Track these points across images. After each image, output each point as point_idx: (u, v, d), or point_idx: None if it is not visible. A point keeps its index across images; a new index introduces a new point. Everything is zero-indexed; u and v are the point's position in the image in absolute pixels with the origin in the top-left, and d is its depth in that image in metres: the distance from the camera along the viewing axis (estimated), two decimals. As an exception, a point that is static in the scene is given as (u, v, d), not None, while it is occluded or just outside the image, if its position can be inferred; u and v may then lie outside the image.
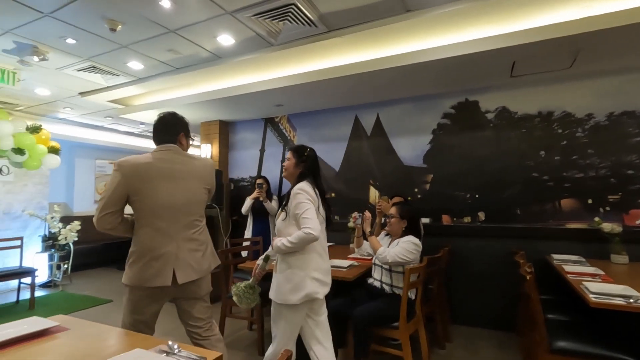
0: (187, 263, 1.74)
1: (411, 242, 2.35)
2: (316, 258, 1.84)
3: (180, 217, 1.74)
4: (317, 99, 3.96)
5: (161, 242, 1.70)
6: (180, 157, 1.79)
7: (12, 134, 4.62)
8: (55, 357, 1.17)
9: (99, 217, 1.67)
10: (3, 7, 2.45)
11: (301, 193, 1.80)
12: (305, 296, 1.77)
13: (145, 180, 1.69)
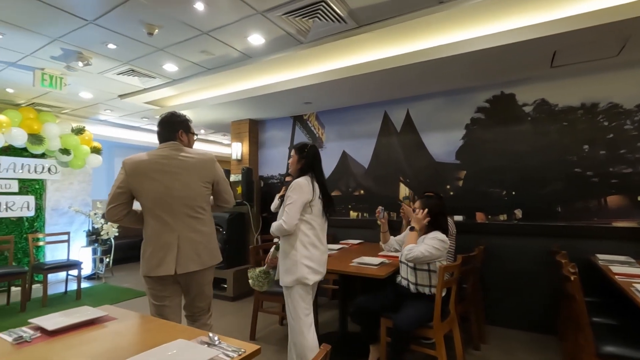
0: (189, 254, 1.83)
1: (436, 238, 2.26)
2: (309, 247, 2.04)
3: (179, 209, 1.84)
4: (346, 96, 3.94)
5: (163, 232, 1.83)
6: (179, 152, 1.89)
7: (59, 135, 4.95)
8: (106, 345, 1.25)
9: (107, 209, 1.84)
10: (52, 16, 2.62)
11: (293, 188, 2.02)
12: (295, 280, 2.00)
13: (144, 175, 1.82)
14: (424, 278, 2.33)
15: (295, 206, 1.98)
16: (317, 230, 2.09)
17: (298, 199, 1.99)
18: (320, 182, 2.11)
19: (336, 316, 3.62)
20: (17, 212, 4.79)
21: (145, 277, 1.86)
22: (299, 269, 1.99)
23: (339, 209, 4.32)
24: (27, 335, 1.28)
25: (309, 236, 2.05)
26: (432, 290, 2.29)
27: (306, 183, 2.04)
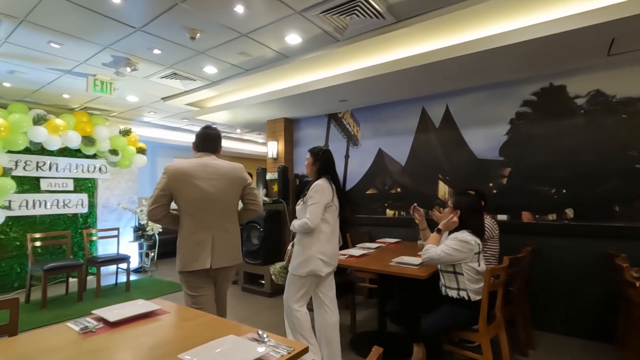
0: (221, 251, 2.06)
1: (457, 239, 2.13)
2: (323, 242, 2.26)
3: (213, 210, 2.07)
4: (382, 92, 3.88)
5: (198, 231, 2.04)
6: (213, 162, 2.14)
7: (108, 137, 5.26)
8: (162, 337, 1.31)
9: (149, 210, 2.02)
10: (104, 25, 2.78)
11: (315, 189, 2.24)
12: (310, 271, 2.22)
13: (185, 180, 2.03)
14: (451, 280, 2.25)
15: (318, 206, 2.20)
16: (332, 227, 2.32)
17: (321, 199, 2.21)
18: (335, 183, 2.33)
19: (373, 315, 3.60)
20: (73, 209, 5.17)
21: (182, 272, 2.05)
22: (314, 262, 2.22)
23: (374, 207, 4.27)
24: (91, 326, 1.37)
25: (325, 233, 2.27)
26: (460, 294, 2.19)
27: (327, 185, 2.27)
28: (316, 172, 2.34)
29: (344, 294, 3.07)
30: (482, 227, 2.28)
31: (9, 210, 4.42)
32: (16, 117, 4.30)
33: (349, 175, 4.52)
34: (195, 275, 2.03)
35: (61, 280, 4.71)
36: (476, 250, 2.15)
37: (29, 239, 4.10)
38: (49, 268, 3.82)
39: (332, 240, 2.32)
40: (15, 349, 1.21)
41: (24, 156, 4.68)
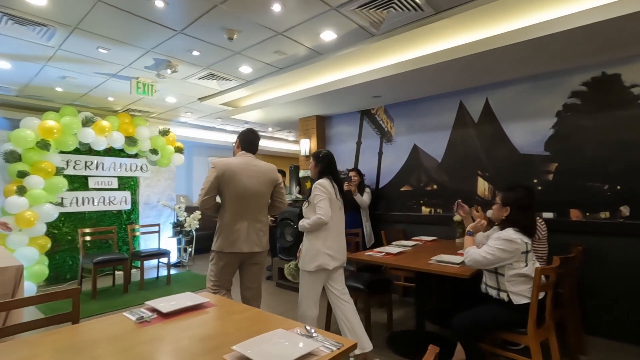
0: (252, 238, 2.38)
1: (500, 238, 2.02)
2: (329, 238, 2.41)
3: (250, 204, 2.40)
4: (418, 87, 3.79)
5: (237, 220, 2.36)
6: (254, 161, 2.47)
7: (149, 137, 5.51)
8: (213, 329, 1.35)
9: (201, 200, 2.35)
10: (147, 29, 2.90)
11: (318, 187, 2.39)
12: (318, 266, 2.37)
13: (231, 175, 2.34)
14: (492, 280, 2.15)
15: (326, 201, 2.35)
16: (336, 224, 2.47)
17: (325, 195, 2.37)
18: (337, 181, 2.50)
19: (409, 314, 3.54)
20: (117, 206, 5.46)
21: (217, 253, 2.37)
22: (322, 257, 2.37)
23: (409, 204, 4.20)
24: (146, 316, 1.44)
25: (330, 229, 2.42)
26: (500, 295, 2.09)
27: (328, 183, 2.43)
28: (318, 173, 2.54)
29: (380, 292, 3.04)
30: (532, 225, 2.14)
31: (61, 207, 4.74)
32: (67, 119, 4.59)
33: (383, 172, 4.46)
34: (228, 257, 2.35)
35: (108, 273, 4.99)
36: (523, 249, 2.03)
37: (80, 234, 4.38)
38: (98, 261, 4.07)
39: (337, 236, 2.47)
40: (81, 336, 1.29)
41: (74, 156, 4.99)
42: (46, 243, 4.47)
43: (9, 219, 4.06)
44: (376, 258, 2.72)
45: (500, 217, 2.18)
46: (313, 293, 2.44)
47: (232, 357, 1.09)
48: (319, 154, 2.56)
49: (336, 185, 2.47)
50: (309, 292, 2.43)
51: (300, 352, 1.07)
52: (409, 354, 2.64)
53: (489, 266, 2.09)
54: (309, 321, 2.40)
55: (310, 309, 2.44)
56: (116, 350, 1.16)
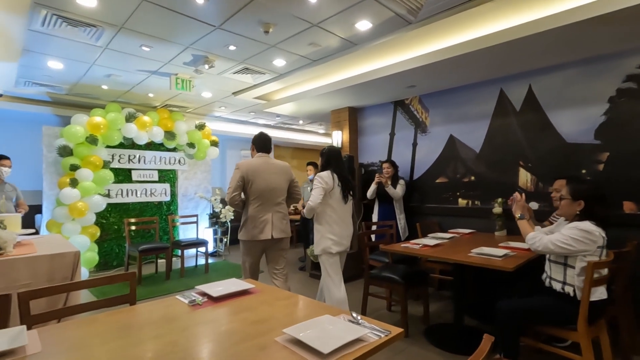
0: (278, 226, 2.74)
1: (577, 228, 1.91)
2: (332, 224, 2.69)
3: (272, 197, 2.75)
4: (455, 76, 3.67)
5: (261, 212, 2.71)
6: (271, 160, 2.84)
7: (186, 131, 5.71)
8: (261, 313, 1.40)
9: (230, 197, 2.70)
10: (187, 25, 3.00)
11: (316, 178, 2.69)
12: (322, 249, 2.68)
13: (253, 174, 2.70)
14: (558, 272, 2.06)
15: (317, 190, 2.62)
16: (338, 212, 2.71)
17: (320, 186, 2.63)
18: (339, 173, 2.73)
19: (445, 307, 3.49)
20: (158, 198, 5.73)
21: (246, 241, 2.72)
22: (324, 242, 2.67)
23: (445, 196, 4.10)
24: (198, 300, 1.52)
25: (332, 217, 2.69)
26: (565, 288, 2.01)
27: (326, 175, 2.68)
28: (321, 166, 2.82)
29: (417, 285, 3.01)
30: (608, 217, 2.01)
31: (108, 198, 5.04)
32: (112, 115, 4.85)
33: (417, 164, 4.38)
34: (256, 245, 2.72)
35: (151, 261, 5.27)
36: (600, 244, 1.91)
37: (126, 223, 4.64)
38: (143, 249, 4.31)
39: (340, 223, 2.72)
40: (140, 316, 1.39)
41: (119, 150, 5.27)
42: (96, 232, 4.79)
43: (64, 209, 4.38)
44: (413, 250, 2.69)
45: (573, 213, 2.05)
46: (332, 270, 2.70)
47: (282, 339, 1.13)
48: (323, 149, 2.86)
49: (337, 176, 2.70)
50: (328, 271, 2.70)
51: (349, 337, 1.09)
52: (447, 346, 2.61)
53: (559, 255, 2.01)
54: (341, 305, 2.61)
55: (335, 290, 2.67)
56: (174, 330, 1.24)
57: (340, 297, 2.65)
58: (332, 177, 2.68)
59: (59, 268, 2.49)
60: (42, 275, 2.43)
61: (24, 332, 1.15)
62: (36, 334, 1.18)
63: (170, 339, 1.16)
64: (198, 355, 1.06)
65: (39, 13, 2.74)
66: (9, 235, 2.41)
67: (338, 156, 2.82)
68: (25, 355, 1.04)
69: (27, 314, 1.38)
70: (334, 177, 2.69)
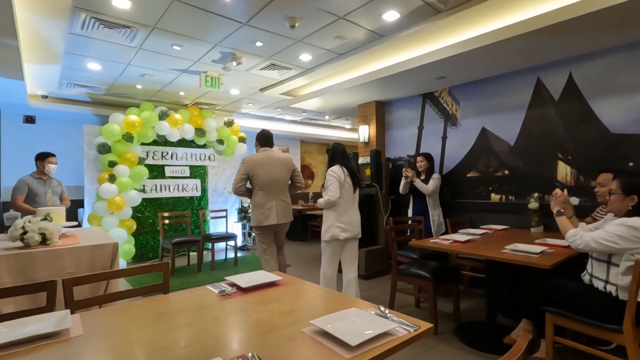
0: (281, 213, 3.13)
1: (625, 225, 1.79)
2: (340, 213, 2.87)
3: (275, 187, 3.12)
4: (488, 65, 3.52)
5: (267, 200, 3.10)
6: (273, 154, 3.21)
7: (215, 128, 5.85)
8: (289, 304, 1.41)
9: (235, 187, 3.11)
10: (215, 23, 3.06)
11: (329, 173, 2.90)
12: (331, 236, 2.86)
13: (257, 167, 3.09)
14: (601, 270, 1.94)
15: (334, 184, 2.83)
16: (347, 202, 2.91)
17: (334, 179, 2.84)
18: (346, 166, 2.96)
19: (476, 304, 3.38)
20: (189, 193, 5.92)
21: (257, 227, 3.12)
22: (333, 229, 2.86)
23: (477, 191, 3.96)
24: (228, 290, 1.55)
25: (340, 206, 2.88)
26: (607, 288, 1.89)
27: (337, 168, 2.90)
28: (328, 161, 3.05)
29: (447, 281, 2.93)
30: None
31: (143, 193, 5.27)
32: (146, 114, 5.05)
33: (447, 158, 4.26)
34: (265, 230, 3.13)
35: (183, 253, 5.47)
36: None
37: (160, 217, 4.84)
38: (176, 242, 4.47)
39: (348, 212, 2.91)
40: (174, 304, 1.44)
41: (152, 147, 5.49)
42: (132, 225, 5.02)
43: (104, 203, 4.62)
44: (443, 245, 2.62)
45: (624, 208, 1.92)
46: (331, 258, 2.94)
47: (310, 330, 1.13)
48: (328, 146, 3.11)
49: (346, 169, 2.94)
50: (327, 258, 2.94)
51: (377, 330, 1.08)
52: (479, 345, 2.53)
53: (603, 252, 1.90)
54: (328, 280, 2.95)
55: (328, 270, 2.95)
56: (206, 318, 1.27)
57: (328, 274, 2.95)
58: (342, 170, 2.92)
59: (99, 258, 2.64)
60: (84, 265, 2.58)
61: (68, 316, 1.22)
62: (79, 318, 1.25)
63: (202, 326, 1.20)
64: (228, 343, 1.08)
65: (78, 17, 2.89)
66: (54, 227, 2.58)
67: (343, 151, 3.04)
68: (68, 337, 1.11)
69: (71, 299, 1.47)
70: (343, 170, 2.92)
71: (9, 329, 1.13)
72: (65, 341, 1.09)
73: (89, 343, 1.09)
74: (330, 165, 2.98)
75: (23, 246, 2.42)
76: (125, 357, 0.99)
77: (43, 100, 5.09)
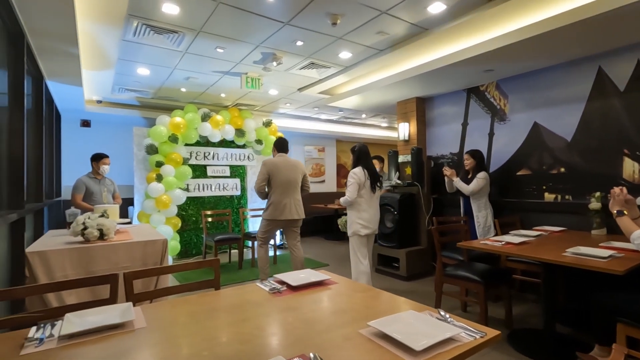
0: (294, 210, 3.60)
1: None
2: (360, 211, 3.21)
3: (290, 187, 3.59)
4: (542, 55, 3.29)
5: (283, 198, 3.56)
6: (288, 159, 3.72)
7: (254, 129, 5.96)
8: (341, 304, 1.38)
9: (257, 187, 3.59)
10: (257, 24, 3.10)
11: (351, 174, 3.22)
12: (353, 232, 3.23)
13: (276, 169, 3.56)
14: None
15: (353, 186, 3.16)
16: (368, 201, 3.22)
17: (355, 181, 3.16)
18: (367, 168, 3.24)
19: (527, 311, 3.18)
20: (230, 192, 6.09)
21: (269, 220, 3.59)
22: (355, 225, 3.22)
23: (528, 190, 3.72)
24: (278, 288, 1.55)
25: (361, 205, 3.21)
26: None
27: (358, 171, 3.19)
28: (353, 162, 3.32)
29: (498, 285, 2.77)
30: None
31: (187, 192, 5.48)
32: (190, 116, 5.25)
33: (494, 155, 4.04)
34: (275, 223, 3.62)
35: (224, 251, 5.62)
36: None
37: (203, 215, 5.01)
38: (219, 239, 4.61)
39: (369, 210, 3.22)
40: (227, 300, 1.46)
41: (196, 148, 5.70)
42: (177, 222, 5.24)
43: (152, 202, 4.85)
44: (495, 247, 2.48)
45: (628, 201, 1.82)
46: (359, 250, 3.25)
47: (367, 332, 1.09)
48: (354, 149, 3.34)
49: (366, 171, 3.21)
50: (355, 251, 3.26)
51: (442, 335, 1.02)
52: (535, 354, 2.36)
53: None
54: (361, 275, 3.21)
55: (359, 264, 3.24)
56: (260, 314, 1.28)
57: (362, 269, 3.23)
58: (363, 172, 3.19)
59: (150, 253, 2.76)
60: (137, 260, 2.71)
61: (131, 308, 1.27)
62: (140, 311, 1.29)
63: (256, 323, 1.20)
64: (285, 341, 1.07)
65: (131, 24, 3.04)
66: (111, 223, 2.73)
67: (367, 153, 3.31)
68: (133, 329, 1.15)
69: (131, 292, 1.53)
70: (364, 172, 3.19)
71: (80, 319, 1.19)
72: (130, 332, 1.13)
73: (152, 335, 1.12)
74: (355, 165, 3.26)
75: (83, 241, 2.59)
76: (188, 350, 1.01)
77: (97, 104, 5.44)
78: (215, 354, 0.98)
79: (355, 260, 3.27)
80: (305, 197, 3.82)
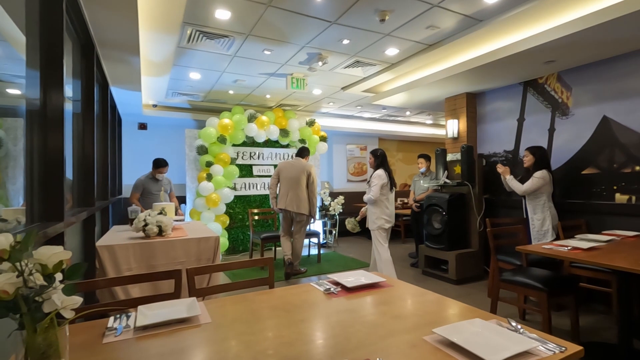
0: (292, 202, 4.27)
1: None
2: (383, 208, 3.60)
3: (292, 183, 4.31)
4: (611, 43, 2.99)
5: (287, 192, 4.30)
6: (298, 162, 4.44)
7: (298, 128, 6.03)
8: (400, 309, 1.35)
9: (271, 182, 4.44)
10: (304, 25, 3.12)
11: (375, 176, 3.60)
12: (378, 226, 3.60)
13: (284, 168, 4.39)
14: None
15: (377, 186, 3.54)
16: (389, 199, 3.64)
17: (378, 182, 3.55)
18: (387, 170, 3.64)
19: (595, 323, 2.92)
20: (274, 191, 6.21)
21: (279, 209, 4.37)
22: (379, 221, 3.59)
23: (595, 191, 3.41)
24: (333, 289, 1.55)
25: (384, 202, 3.60)
26: None
27: (382, 173, 3.60)
28: (375, 166, 3.70)
29: (562, 293, 2.57)
30: None
31: (235, 191, 5.68)
32: (237, 117, 5.43)
33: (555, 153, 3.75)
34: (283, 212, 4.37)
35: (269, 248, 5.76)
36: None
37: (250, 213, 5.16)
38: (265, 237, 4.72)
39: (390, 207, 3.64)
40: (284, 299, 1.47)
41: (242, 148, 5.89)
42: (226, 220, 5.45)
43: (202, 200, 5.08)
44: (561, 252, 2.29)
45: None
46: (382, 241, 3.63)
47: (432, 339, 1.04)
48: (377, 152, 3.73)
49: (387, 173, 3.61)
50: (379, 242, 3.63)
51: (517, 348, 0.95)
52: None
53: None
54: (387, 263, 3.55)
55: (385, 253, 3.59)
56: (319, 315, 1.28)
57: (387, 257, 3.58)
58: (386, 174, 3.60)
59: (204, 250, 2.89)
60: (192, 255, 2.85)
61: (196, 303, 1.33)
62: (204, 306, 1.35)
63: (316, 323, 1.20)
64: (350, 345, 1.06)
65: (186, 31, 3.20)
66: (168, 220, 2.89)
67: (386, 157, 3.75)
68: (199, 323, 1.20)
69: (193, 287, 1.60)
70: (386, 174, 3.60)
71: (151, 312, 1.27)
72: (197, 327, 1.17)
73: (218, 330, 1.16)
74: (377, 167, 3.67)
75: (144, 236, 2.76)
76: (254, 348, 1.03)
77: (153, 108, 5.80)
78: (280, 353, 0.99)
79: (380, 251, 3.61)
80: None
